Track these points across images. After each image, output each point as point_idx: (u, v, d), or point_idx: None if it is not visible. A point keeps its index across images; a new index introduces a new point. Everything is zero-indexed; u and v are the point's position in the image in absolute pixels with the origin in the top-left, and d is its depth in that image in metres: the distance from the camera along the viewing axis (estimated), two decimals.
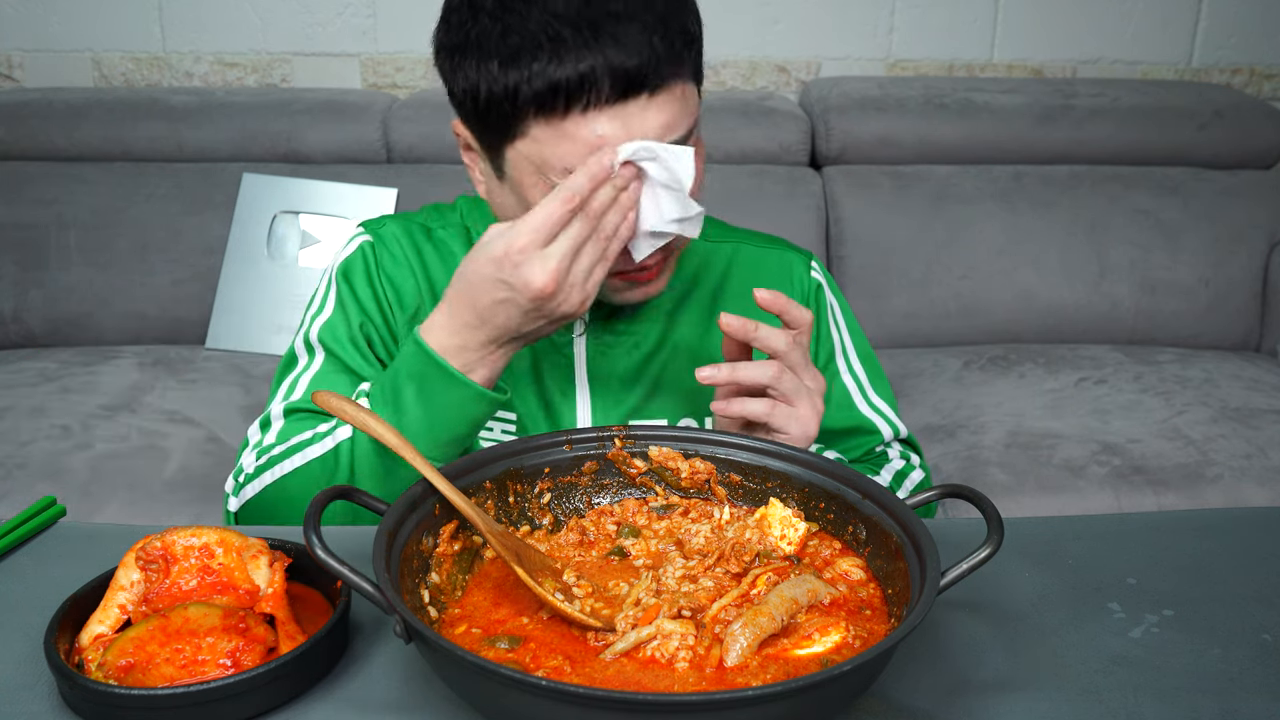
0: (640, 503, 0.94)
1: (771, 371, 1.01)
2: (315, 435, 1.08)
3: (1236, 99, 2.66)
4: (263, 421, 1.16)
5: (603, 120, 0.98)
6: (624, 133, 0.98)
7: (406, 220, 1.25)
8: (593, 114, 0.98)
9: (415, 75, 2.79)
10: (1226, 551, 0.98)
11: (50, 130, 2.49)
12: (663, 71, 0.99)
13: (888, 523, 0.83)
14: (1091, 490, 1.91)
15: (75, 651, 0.80)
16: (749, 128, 2.54)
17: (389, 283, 1.20)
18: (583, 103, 0.97)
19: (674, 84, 1.01)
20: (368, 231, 1.23)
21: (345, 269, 1.20)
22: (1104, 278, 2.50)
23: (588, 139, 0.98)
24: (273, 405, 1.16)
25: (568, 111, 0.98)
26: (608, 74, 0.96)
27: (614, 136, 0.98)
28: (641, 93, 0.98)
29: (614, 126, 0.98)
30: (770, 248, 1.29)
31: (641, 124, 0.99)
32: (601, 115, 0.98)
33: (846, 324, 1.29)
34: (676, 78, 1.01)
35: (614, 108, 0.98)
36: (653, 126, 0.99)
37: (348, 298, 1.19)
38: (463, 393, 1.01)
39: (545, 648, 0.76)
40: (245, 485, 1.11)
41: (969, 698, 0.78)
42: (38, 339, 2.44)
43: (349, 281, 1.19)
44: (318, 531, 0.73)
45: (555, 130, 0.99)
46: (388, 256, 1.21)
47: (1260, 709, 0.77)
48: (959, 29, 2.82)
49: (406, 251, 1.21)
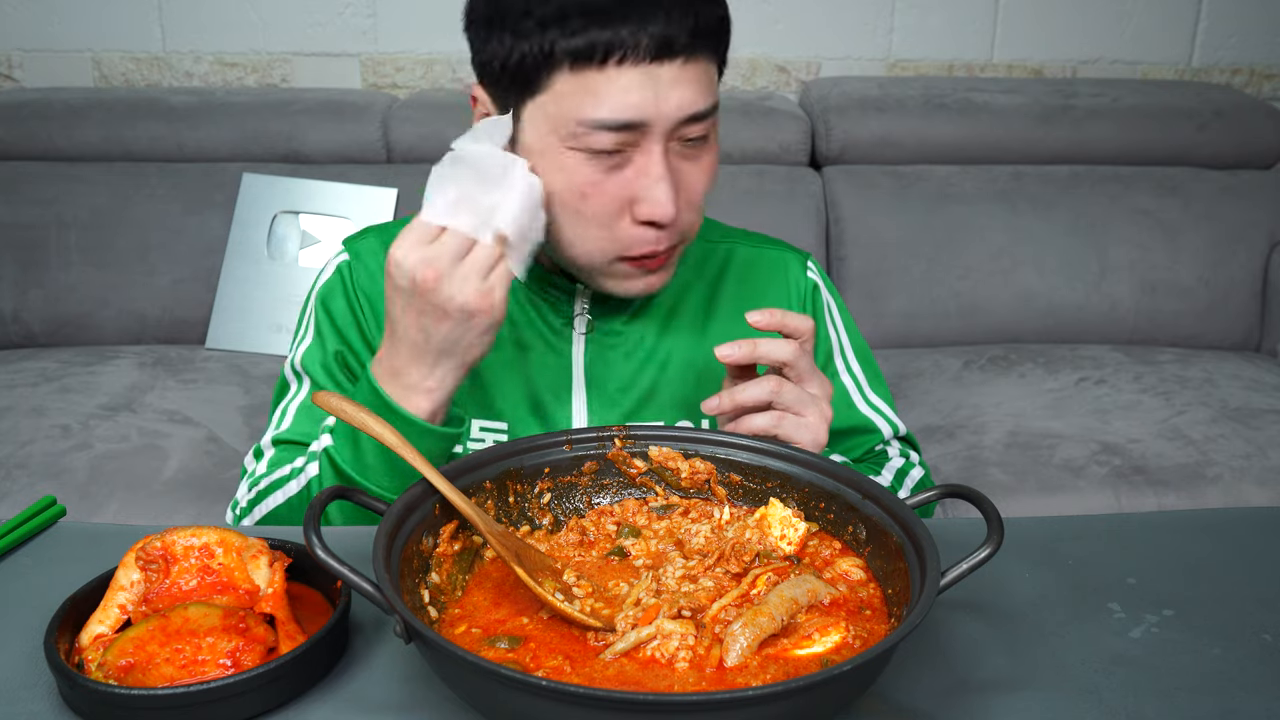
0: (640, 503, 0.94)
1: (770, 386, 1.00)
2: (293, 471, 1.11)
3: (1236, 99, 2.66)
4: (256, 451, 1.19)
5: (634, 76, 0.99)
6: (651, 95, 0.99)
7: (386, 233, 1.23)
8: (627, 68, 0.98)
9: (415, 75, 2.79)
10: (1226, 551, 0.98)
11: (50, 130, 2.49)
12: (697, 43, 1.00)
13: (887, 523, 0.83)
14: (1091, 490, 1.91)
15: (75, 651, 0.80)
16: (749, 128, 2.54)
17: (367, 302, 1.19)
18: (618, 57, 0.98)
19: (705, 61, 1.03)
20: (346, 250, 1.22)
21: (324, 295, 1.20)
22: (1104, 278, 2.50)
23: (611, 95, 0.99)
24: (265, 435, 1.19)
25: (603, 64, 0.98)
26: (648, 34, 0.97)
27: (645, 99, 0.99)
28: (676, 57, 0.99)
29: (643, 85, 0.99)
30: (767, 248, 1.28)
31: (670, 90, 1.00)
32: (634, 72, 0.98)
33: (843, 323, 1.29)
34: (707, 55, 1.03)
35: (648, 66, 0.98)
36: (679, 95, 1.00)
37: (325, 325, 1.19)
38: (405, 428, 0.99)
39: (545, 648, 0.76)
40: (242, 518, 1.15)
41: (969, 698, 0.78)
42: (38, 339, 2.44)
43: (327, 308, 1.19)
44: (318, 531, 0.73)
45: (582, 84, 0.99)
46: (365, 274, 1.20)
47: (1260, 709, 0.77)
48: (959, 29, 2.82)
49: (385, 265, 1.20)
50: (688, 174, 1.05)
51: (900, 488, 1.22)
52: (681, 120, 1.01)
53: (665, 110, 1.00)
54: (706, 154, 1.07)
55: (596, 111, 0.99)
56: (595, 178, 1.02)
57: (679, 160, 1.04)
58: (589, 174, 1.02)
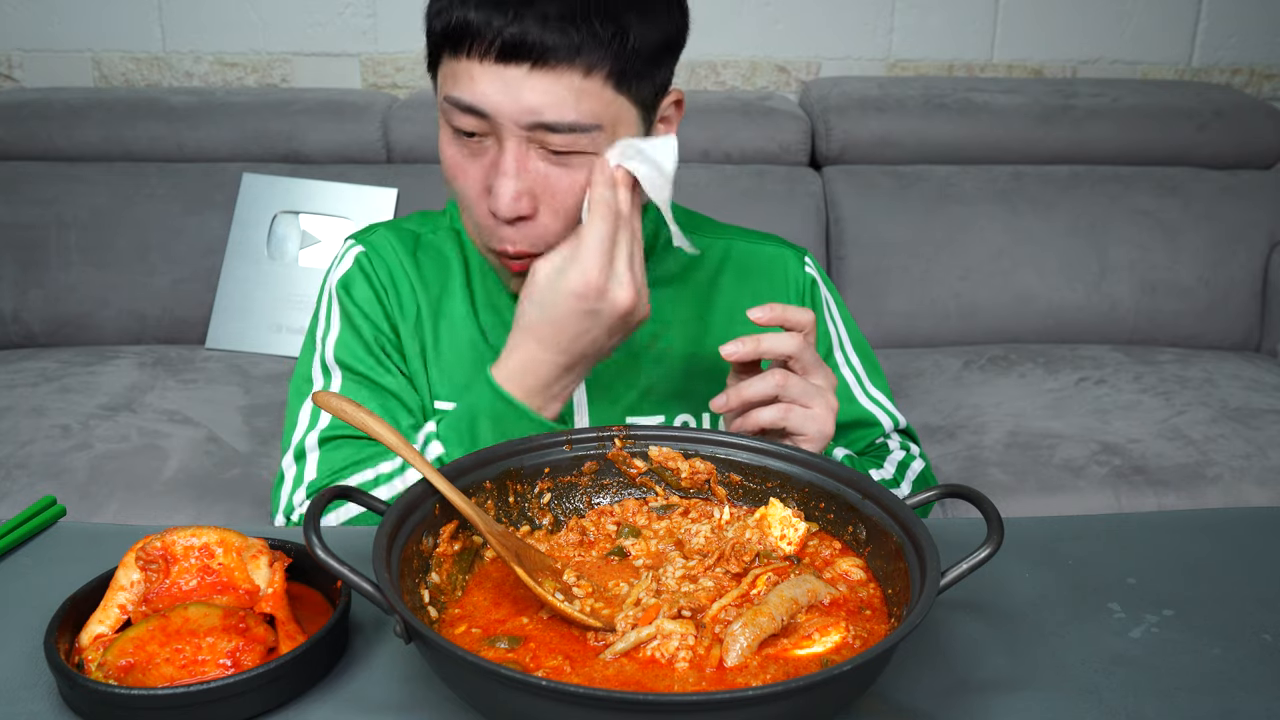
0: (640, 503, 0.94)
1: (776, 380, 1.01)
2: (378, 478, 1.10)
3: (1236, 99, 2.66)
4: (297, 453, 1.16)
5: (484, 73, 1.00)
6: (497, 92, 1.00)
7: (395, 227, 1.24)
8: (479, 64, 1.00)
9: (415, 75, 2.79)
10: (1226, 551, 0.98)
11: (50, 130, 2.49)
12: (551, 52, 0.99)
13: (888, 523, 0.83)
14: (1091, 490, 1.91)
15: (75, 651, 0.80)
16: (749, 128, 2.54)
17: (392, 288, 1.20)
18: (476, 49, 1.00)
19: (565, 71, 1.00)
20: (359, 242, 1.22)
21: (345, 283, 1.20)
22: (1104, 278, 2.50)
23: (461, 81, 1.02)
24: (301, 436, 1.16)
25: (464, 54, 1.01)
26: (501, 31, 0.98)
27: (491, 94, 1.00)
28: (523, 62, 0.99)
29: (493, 84, 1.00)
30: (763, 244, 1.28)
31: (517, 92, 1.00)
32: (485, 68, 1.00)
33: (841, 318, 1.29)
34: (571, 66, 1.00)
35: (496, 67, 1.00)
36: (525, 99, 1.00)
37: (355, 312, 1.18)
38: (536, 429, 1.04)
39: (545, 648, 0.76)
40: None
41: (969, 698, 0.78)
42: (38, 339, 2.44)
43: (351, 295, 1.19)
44: (318, 531, 0.73)
45: (452, 65, 1.03)
46: (382, 264, 1.20)
47: (1260, 709, 0.77)
48: (959, 29, 2.82)
49: (401, 256, 1.21)
50: (555, 180, 1.04)
51: (902, 480, 1.22)
52: (530, 125, 1.01)
53: (509, 110, 1.00)
54: (579, 167, 1.04)
55: (455, 91, 1.02)
56: (460, 159, 1.07)
57: (545, 164, 1.04)
58: (456, 153, 1.07)
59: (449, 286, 1.20)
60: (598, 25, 0.99)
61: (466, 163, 1.06)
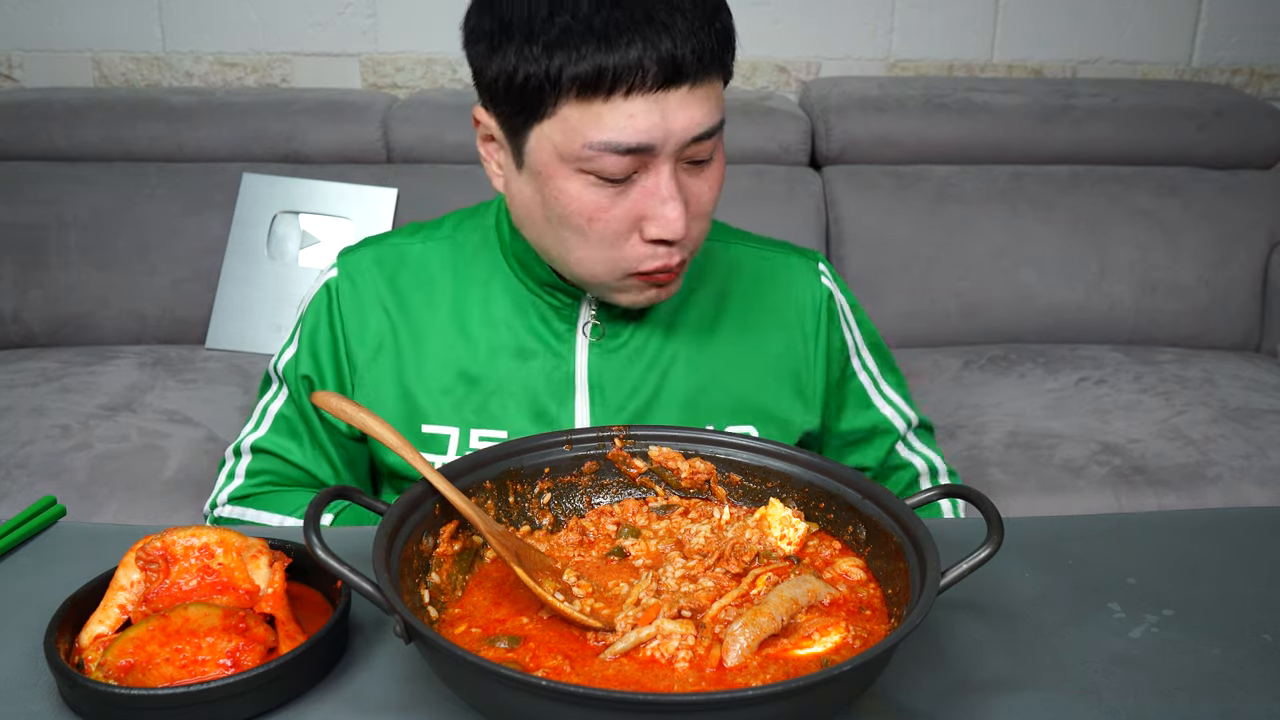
0: (640, 503, 0.94)
1: None
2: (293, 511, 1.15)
3: (1236, 99, 2.66)
4: (235, 449, 1.22)
5: (640, 104, 0.97)
6: (660, 120, 0.98)
7: (382, 246, 1.22)
8: (634, 98, 0.97)
9: (415, 75, 2.79)
10: (1226, 551, 0.98)
11: (50, 130, 2.49)
12: (705, 66, 0.99)
13: (888, 523, 0.83)
14: (1091, 490, 1.91)
15: (75, 651, 0.80)
16: (749, 128, 2.54)
17: (346, 325, 1.18)
18: (625, 87, 0.96)
19: (713, 80, 1.01)
20: (339, 265, 1.21)
21: (309, 314, 1.21)
22: (1104, 278, 2.50)
23: (618, 123, 0.97)
24: (245, 432, 1.22)
25: (610, 95, 0.97)
26: (656, 61, 0.96)
27: (655, 125, 0.98)
28: (684, 83, 0.98)
29: (650, 113, 0.98)
30: (775, 253, 1.25)
31: (677, 114, 0.99)
32: (641, 100, 0.97)
33: (857, 320, 1.26)
34: (715, 74, 1.01)
35: (655, 94, 0.97)
36: (686, 118, 0.99)
37: (304, 346, 1.20)
38: None
39: (545, 648, 0.76)
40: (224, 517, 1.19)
41: (969, 698, 0.78)
42: (38, 339, 2.44)
43: (309, 325, 1.20)
44: (318, 531, 0.73)
45: (587, 112, 0.98)
46: (352, 296, 1.18)
47: (1260, 709, 0.77)
48: (959, 29, 2.82)
49: (376, 284, 1.19)
50: (695, 188, 1.04)
51: None
52: (689, 141, 1.00)
53: (673, 133, 0.99)
54: (714, 166, 1.06)
55: (603, 135, 0.98)
56: (603, 201, 1.01)
57: (686, 176, 1.03)
58: (596, 197, 1.01)
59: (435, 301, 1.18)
60: (716, 25, 1.00)
61: (610, 204, 1.02)
